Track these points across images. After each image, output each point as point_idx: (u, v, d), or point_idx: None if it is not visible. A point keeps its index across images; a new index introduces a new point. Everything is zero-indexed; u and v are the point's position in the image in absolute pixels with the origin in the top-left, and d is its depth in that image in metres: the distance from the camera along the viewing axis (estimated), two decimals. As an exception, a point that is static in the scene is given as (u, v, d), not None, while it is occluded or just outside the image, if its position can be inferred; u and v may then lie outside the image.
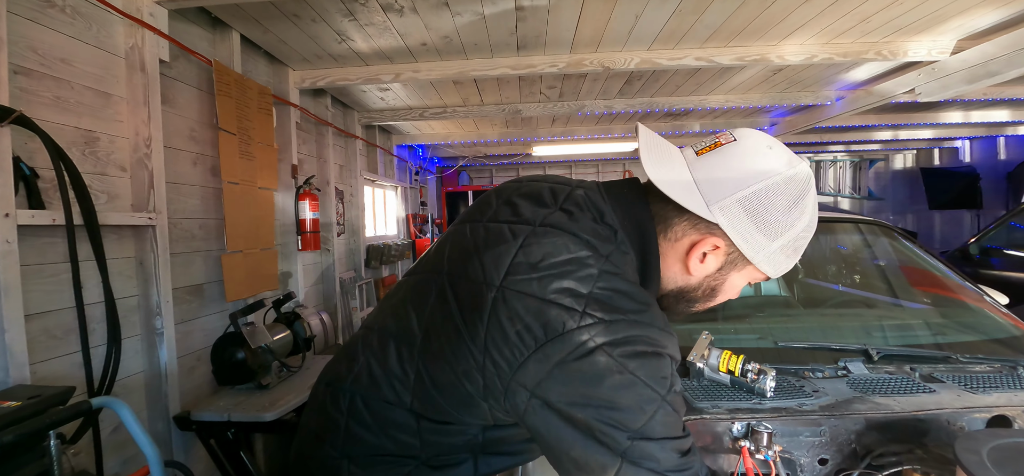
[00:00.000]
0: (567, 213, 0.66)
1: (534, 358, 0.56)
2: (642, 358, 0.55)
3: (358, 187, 4.04)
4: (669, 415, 0.56)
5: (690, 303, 0.72)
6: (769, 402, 0.97)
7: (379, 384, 0.68)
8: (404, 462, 0.68)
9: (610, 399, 0.54)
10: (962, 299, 1.54)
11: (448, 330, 0.63)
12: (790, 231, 0.63)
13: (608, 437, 0.54)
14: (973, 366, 1.15)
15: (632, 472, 0.54)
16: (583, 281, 0.58)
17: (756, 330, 1.35)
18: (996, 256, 3.73)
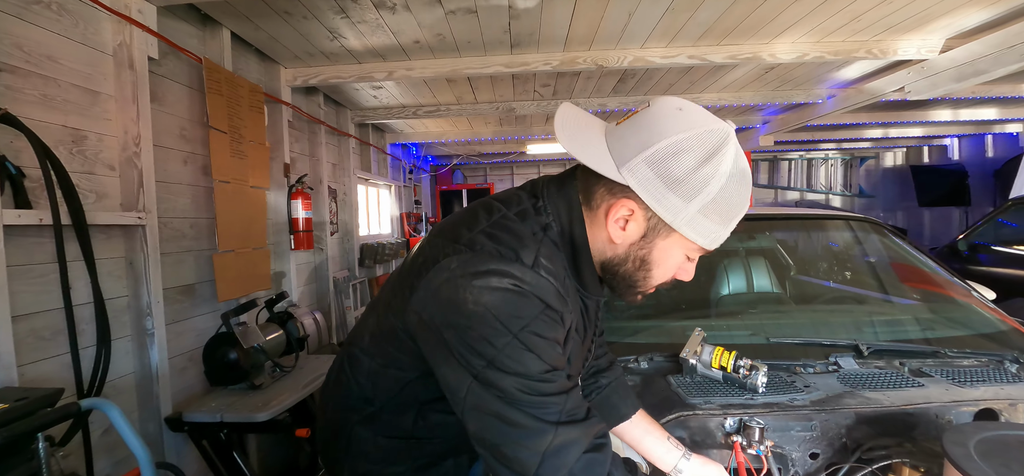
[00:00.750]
0: (509, 193, 0.74)
1: (422, 284, 0.65)
2: (499, 292, 0.60)
3: (351, 186, 4.03)
4: (519, 352, 0.59)
5: (627, 280, 0.70)
6: (761, 397, 0.98)
7: (359, 336, 0.81)
8: (364, 406, 0.79)
9: (466, 326, 0.59)
10: (950, 295, 1.56)
11: (394, 278, 0.77)
12: (705, 189, 0.61)
13: (464, 359, 0.60)
14: (961, 361, 1.17)
15: (479, 393, 0.60)
16: (474, 226, 0.67)
17: (748, 326, 1.36)
18: (984, 252, 3.78)
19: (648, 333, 1.34)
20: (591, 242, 0.70)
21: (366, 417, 0.79)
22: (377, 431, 0.79)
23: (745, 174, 0.64)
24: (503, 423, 0.58)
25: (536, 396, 0.58)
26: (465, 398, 0.61)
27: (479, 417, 0.60)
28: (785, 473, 0.92)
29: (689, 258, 0.71)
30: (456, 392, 0.62)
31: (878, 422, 0.92)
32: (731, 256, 1.92)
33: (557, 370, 0.61)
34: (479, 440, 0.61)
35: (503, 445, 0.59)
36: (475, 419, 0.61)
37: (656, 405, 0.97)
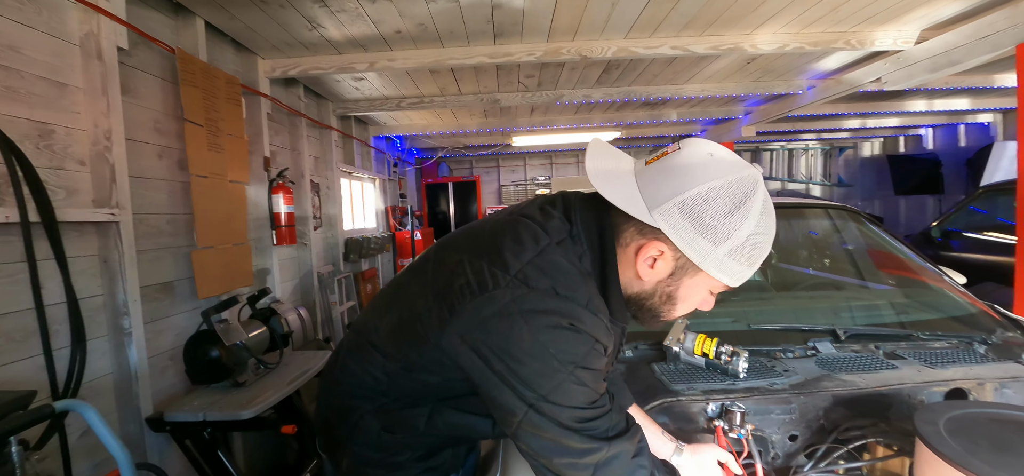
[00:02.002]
0: (542, 211, 0.74)
1: (466, 309, 0.66)
2: (556, 330, 0.62)
3: (334, 179, 3.97)
4: (575, 386, 0.63)
5: (652, 311, 0.74)
6: (742, 382, 1.00)
7: (369, 327, 0.82)
8: (375, 398, 0.81)
9: (522, 360, 0.62)
10: (924, 280, 1.61)
11: (420, 279, 0.77)
12: (734, 235, 0.62)
13: (518, 390, 0.63)
14: (933, 343, 1.21)
15: (535, 419, 0.63)
16: (522, 254, 0.67)
17: (731, 314, 1.38)
18: (956, 238, 3.91)
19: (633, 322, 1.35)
20: (621, 276, 0.72)
21: (377, 407, 0.81)
22: (385, 423, 0.81)
23: (771, 218, 0.66)
24: (558, 445, 0.63)
25: (587, 421, 0.63)
26: (520, 422, 0.64)
27: (533, 438, 0.64)
28: (765, 455, 0.94)
29: (712, 293, 0.74)
30: (509, 416, 0.65)
31: (854, 403, 0.95)
32: None
33: (602, 396, 0.66)
34: (533, 455, 0.65)
35: (556, 461, 0.64)
36: (528, 439, 0.64)
37: (641, 392, 0.99)
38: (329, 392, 0.88)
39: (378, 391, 0.81)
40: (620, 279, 0.72)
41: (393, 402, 0.80)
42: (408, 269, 0.86)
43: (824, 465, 0.86)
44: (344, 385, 0.84)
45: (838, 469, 0.86)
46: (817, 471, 0.86)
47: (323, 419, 0.90)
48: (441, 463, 0.87)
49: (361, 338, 0.84)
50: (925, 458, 0.70)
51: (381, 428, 0.81)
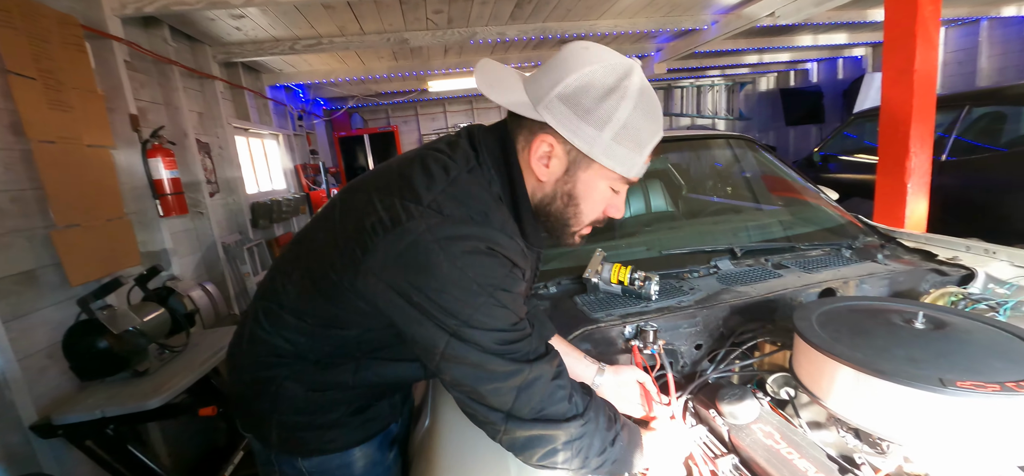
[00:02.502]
0: (449, 144, 0.75)
1: (380, 246, 0.65)
2: (474, 255, 0.63)
3: (227, 138, 3.56)
4: (497, 309, 0.64)
5: (560, 219, 0.76)
6: (654, 304, 1.10)
7: (276, 290, 0.79)
8: (294, 362, 0.78)
9: (441, 288, 0.62)
10: (806, 199, 1.84)
11: (326, 227, 0.74)
12: (614, 117, 0.67)
13: (438, 320, 0.63)
14: (811, 252, 1.40)
15: (458, 347, 0.64)
16: (433, 186, 0.67)
17: (645, 243, 1.49)
18: (833, 161, 4.49)
19: (556, 260, 1.41)
20: (526, 186, 0.75)
21: (296, 372, 0.78)
22: (309, 385, 0.78)
23: (652, 102, 0.70)
24: (481, 370, 0.64)
25: (509, 344, 0.65)
26: (442, 353, 0.64)
27: (456, 368, 0.65)
28: (675, 365, 1.06)
29: (615, 191, 0.76)
30: (431, 349, 0.65)
31: (747, 311, 1.08)
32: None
33: (522, 319, 0.68)
34: (456, 385, 0.66)
35: (482, 387, 0.64)
36: (452, 370, 0.65)
37: (565, 324, 1.04)
38: (240, 369, 0.84)
39: (296, 355, 0.78)
40: (527, 192, 0.75)
41: (314, 364, 0.78)
42: (311, 222, 0.82)
43: (723, 366, 0.99)
44: (256, 357, 0.80)
45: (734, 368, 0.99)
46: (718, 372, 0.98)
47: (239, 397, 0.86)
48: (379, 415, 0.87)
49: (268, 303, 0.79)
50: (800, 348, 0.83)
51: (308, 390, 0.78)
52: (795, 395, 0.92)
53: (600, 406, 0.73)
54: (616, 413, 0.76)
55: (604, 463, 0.71)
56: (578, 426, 0.67)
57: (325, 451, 0.82)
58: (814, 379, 0.78)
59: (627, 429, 0.77)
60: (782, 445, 0.78)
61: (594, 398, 0.73)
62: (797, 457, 0.75)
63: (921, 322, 0.78)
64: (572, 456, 0.68)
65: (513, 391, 0.64)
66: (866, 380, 0.68)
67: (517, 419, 0.65)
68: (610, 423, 0.73)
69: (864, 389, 0.68)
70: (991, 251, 1.37)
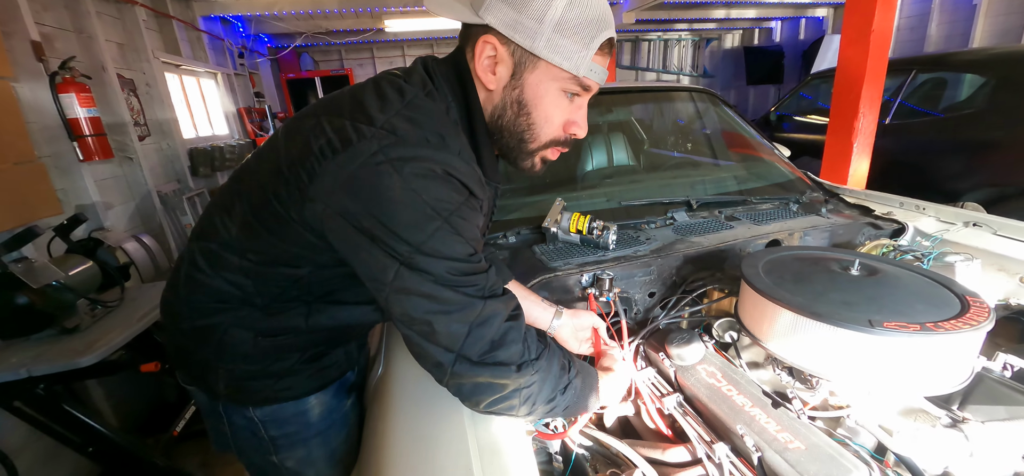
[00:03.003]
0: (404, 72, 0.72)
1: (328, 170, 0.61)
2: (429, 178, 0.60)
3: (155, 74, 3.25)
4: (451, 236, 0.61)
5: (514, 133, 0.74)
6: (611, 253, 1.12)
7: (215, 229, 0.73)
8: (240, 307, 0.73)
9: (392, 211, 0.59)
10: (760, 155, 1.90)
11: (270, 157, 0.69)
12: (553, 5, 0.65)
13: (389, 246, 0.60)
14: (761, 205, 1.46)
15: (408, 276, 0.61)
16: (388, 107, 0.64)
17: (605, 195, 1.51)
18: (787, 121, 4.65)
19: (517, 210, 1.40)
20: (481, 103, 0.73)
21: (242, 319, 0.74)
22: (258, 331, 0.74)
23: None
24: (434, 302, 0.61)
25: (464, 275, 0.62)
26: (391, 283, 0.61)
27: (407, 300, 0.61)
28: (629, 312, 1.10)
29: (570, 98, 0.73)
30: (380, 278, 0.62)
31: (699, 260, 1.12)
32: (595, 134, 2.06)
33: (478, 252, 0.65)
34: (406, 320, 0.63)
35: (434, 322, 0.61)
36: (403, 302, 0.61)
37: (524, 272, 1.05)
38: (177, 317, 0.78)
39: (240, 299, 0.73)
40: (482, 111, 0.73)
41: (262, 309, 0.74)
42: (252, 155, 0.77)
43: (674, 312, 1.03)
44: (196, 303, 0.75)
45: (684, 314, 1.03)
46: (669, 318, 1.03)
47: (178, 348, 0.81)
48: (334, 363, 0.85)
49: (207, 244, 0.74)
50: (746, 294, 0.87)
51: (256, 336, 0.75)
52: (738, 338, 0.98)
53: (555, 354, 0.72)
54: (571, 361, 0.76)
55: (554, 410, 0.72)
56: (529, 374, 0.66)
57: (279, 399, 0.79)
58: (756, 322, 0.83)
59: (582, 375, 0.76)
60: (723, 383, 0.83)
61: (550, 346, 0.72)
62: (736, 393, 0.81)
63: (857, 269, 0.84)
64: (519, 403, 0.67)
65: (465, 327, 0.62)
66: (804, 322, 0.72)
67: (467, 360, 0.62)
68: (563, 372, 0.72)
69: (802, 330, 0.72)
70: (921, 207, 1.48)
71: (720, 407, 0.79)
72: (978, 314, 0.69)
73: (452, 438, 0.63)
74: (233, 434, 0.82)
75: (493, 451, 0.63)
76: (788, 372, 0.83)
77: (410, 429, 0.66)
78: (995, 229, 1.28)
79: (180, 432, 2.02)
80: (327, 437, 0.85)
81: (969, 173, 2.83)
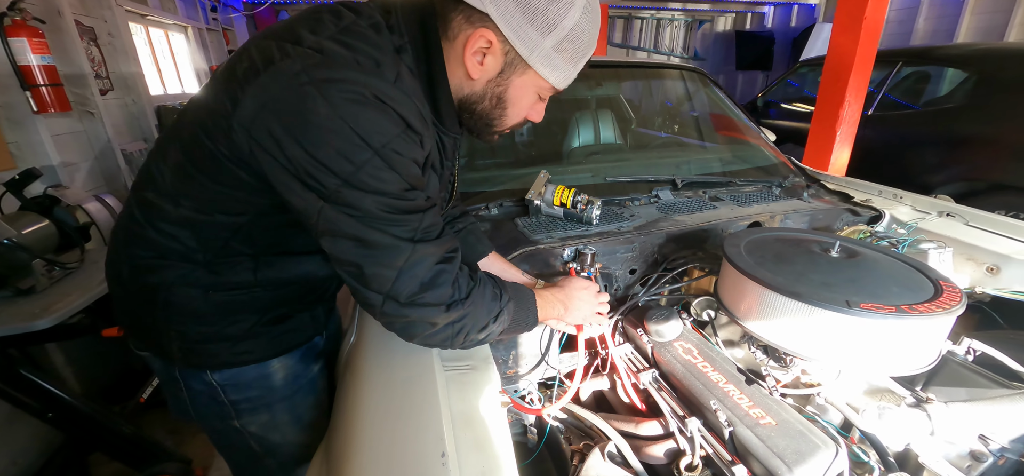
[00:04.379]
0: (354, 4, 0.66)
1: (249, 93, 0.56)
2: (359, 105, 0.55)
3: (118, 23, 3.08)
4: (383, 171, 0.56)
5: (484, 118, 0.73)
6: (595, 228, 1.11)
7: (152, 175, 0.69)
8: (181, 262, 0.69)
9: (317, 140, 0.54)
10: (746, 139, 1.92)
11: (203, 92, 0.65)
12: (561, 25, 0.63)
13: (315, 178, 0.56)
14: (745, 188, 1.48)
15: (334, 214, 0.57)
16: (321, 30, 0.59)
17: (591, 170, 1.50)
18: (774, 108, 4.70)
19: (500, 182, 1.39)
20: (450, 79, 0.69)
21: (184, 275, 0.70)
22: (208, 286, 0.71)
23: (596, 12, 0.68)
24: (361, 244, 0.58)
25: (395, 214, 0.58)
26: (317, 222, 0.58)
27: (336, 242, 0.58)
28: (610, 288, 1.10)
29: (541, 98, 0.74)
30: (306, 216, 0.58)
31: (681, 239, 1.13)
32: (582, 110, 2.05)
33: (416, 189, 0.61)
34: (337, 261, 0.61)
35: (363, 266, 0.59)
36: (333, 245, 0.59)
37: (505, 245, 1.04)
38: (120, 276, 0.74)
39: (181, 253, 0.69)
40: (450, 82, 0.70)
41: (205, 266, 0.70)
42: (191, 98, 0.73)
43: (654, 290, 1.04)
44: (136, 259, 0.71)
45: (664, 291, 1.04)
46: (648, 295, 1.03)
47: (127, 312, 0.77)
48: (299, 326, 0.82)
49: (143, 193, 0.70)
50: (727, 273, 0.88)
51: (207, 290, 0.71)
52: (715, 316, 0.99)
53: (486, 286, 0.70)
54: (503, 289, 0.73)
55: (488, 337, 0.70)
56: (459, 310, 0.64)
57: (239, 363, 0.77)
58: (735, 301, 0.84)
59: (515, 300, 0.74)
60: (699, 360, 0.85)
61: (480, 280, 0.69)
62: (711, 370, 0.82)
63: (836, 252, 0.85)
64: (452, 336, 0.66)
65: (393, 271, 0.59)
66: (783, 301, 0.73)
67: (395, 301, 0.60)
68: (494, 301, 0.70)
69: (780, 309, 0.74)
70: (898, 196, 1.51)
71: (695, 383, 0.80)
72: (950, 298, 0.71)
73: (425, 408, 0.63)
74: (192, 400, 0.79)
75: (467, 422, 0.62)
76: (763, 350, 0.84)
77: (382, 399, 0.65)
78: (967, 220, 1.33)
79: (147, 399, 1.98)
80: (293, 402, 0.84)
81: (943, 167, 2.91)
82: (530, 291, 0.79)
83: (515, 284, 0.78)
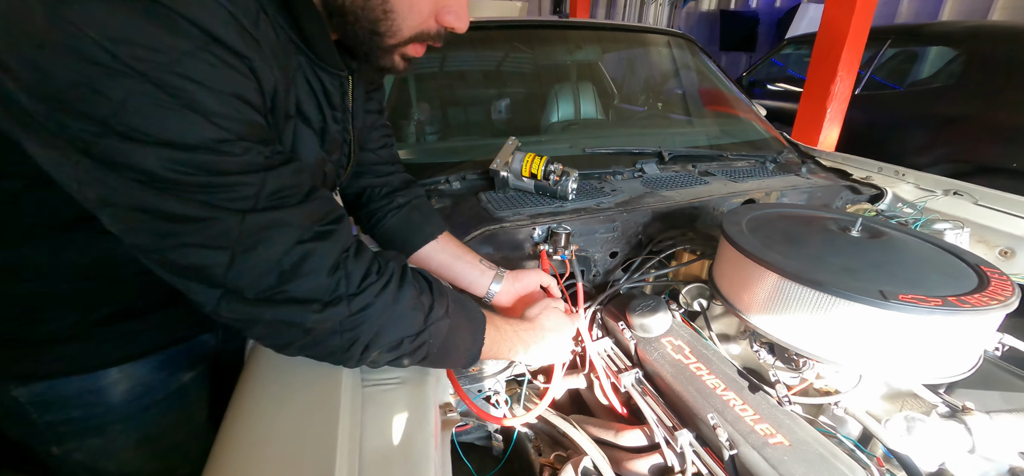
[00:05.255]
0: None
1: None
2: (108, 6, 0.34)
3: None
4: (157, 107, 0.36)
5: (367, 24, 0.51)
6: (570, 204, 0.96)
7: None
8: None
9: (51, 67, 0.34)
10: (736, 112, 1.78)
11: None
12: None
13: (60, 126, 0.36)
14: (737, 162, 1.34)
15: (97, 175, 0.37)
16: None
17: (567, 141, 1.34)
18: (759, 87, 4.60)
19: (465, 153, 1.21)
20: None
21: None
22: (5, 276, 0.52)
23: None
24: (158, 219, 0.38)
25: (204, 174, 0.38)
26: (79, 187, 0.38)
27: (117, 214, 0.39)
28: (587, 274, 0.95)
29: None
30: (62, 180, 0.38)
31: (669, 217, 0.98)
32: (562, 82, 1.89)
33: (246, 141, 0.40)
34: (138, 248, 0.41)
35: (168, 252, 0.40)
36: (113, 217, 0.39)
37: (463, 224, 0.88)
38: None
39: None
40: None
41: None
42: None
43: (638, 276, 0.89)
44: None
45: (649, 277, 0.90)
46: (631, 282, 0.89)
47: None
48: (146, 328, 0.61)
49: None
50: (726, 255, 0.73)
51: (2, 284, 0.52)
52: (707, 307, 0.85)
53: (404, 285, 0.50)
54: (435, 300, 0.53)
55: (400, 358, 0.51)
56: (343, 311, 0.45)
57: (53, 374, 0.57)
58: (736, 290, 0.69)
59: (452, 321, 0.54)
60: (691, 360, 0.71)
61: (393, 274, 0.50)
62: (706, 373, 0.68)
63: (858, 231, 0.71)
64: (341, 349, 0.47)
65: (225, 256, 0.40)
66: (799, 291, 0.59)
67: (237, 297, 0.42)
68: (415, 312, 0.50)
69: (796, 301, 0.59)
70: (900, 173, 1.40)
71: (687, 388, 0.66)
72: (1001, 290, 0.57)
73: (318, 446, 0.43)
74: None
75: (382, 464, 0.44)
76: (769, 350, 0.70)
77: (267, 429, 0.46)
78: (976, 198, 1.22)
79: None
80: (141, 422, 0.63)
81: (930, 148, 2.85)
82: (482, 314, 0.60)
83: (464, 300, 0.59)
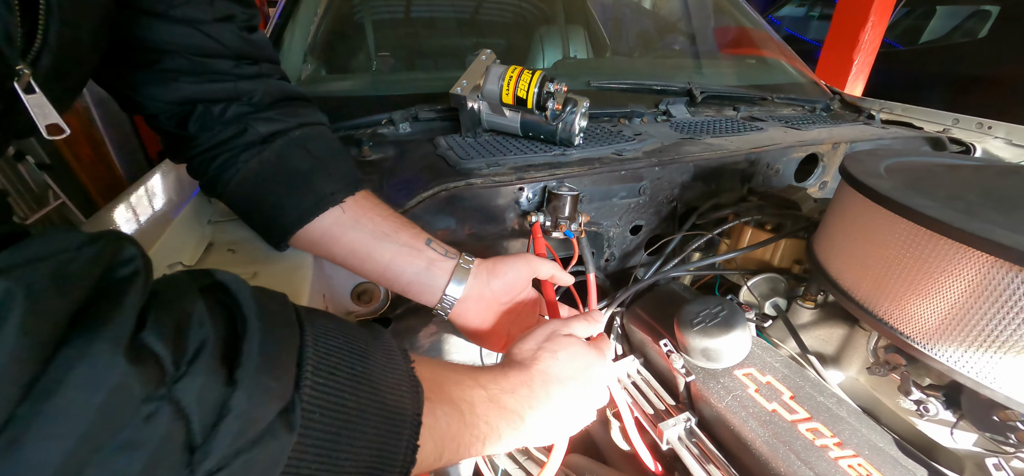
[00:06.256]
0: None
1: None
2: None
3: None
4: None
5: None
6: (577, 151, 0.63)
7: None
8: None
9: None
10: (765, 54, 1.47)
11: None
12: None
13: None
14: (782, 109, 1.04)
15: None
16: None
17: (566, 73, 1.01)
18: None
19: (418, 84, 0.88)
20: None
21: None
22: None
23: None
24: None
25: None
26: None
27: None
28: (598, 258, 0.63)
29: None
30: None
31: (715, 174, 0.67)
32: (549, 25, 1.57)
33: None
34: None
35: None
36: None
37: (406, 183, 0.55)
38: None
39: None
40: None
41: None
42: None
43: (673, 264, 0.58)
44: None
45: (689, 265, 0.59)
46: (665, 272, 0.57)
47: None
48: None
49: None
50: (865, 228, 0.42)
51: None
52: (787, 309, 0.55)
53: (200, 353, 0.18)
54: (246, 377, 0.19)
55: None
56: None
57: None
58: (881, 287, 0.38)
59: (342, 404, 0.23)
60: (799, 413, 0.40)
61: None
62: (830, 438, 0.38)
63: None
64: None
65: None
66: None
67: None
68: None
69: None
70: (986, 126, 1.11)
71: (794, 466, 0.36)
72: None
73: None
74: None
75: None
76: (946, 401, 0.40)
77: None
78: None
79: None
80: None
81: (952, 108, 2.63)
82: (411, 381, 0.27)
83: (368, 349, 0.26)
